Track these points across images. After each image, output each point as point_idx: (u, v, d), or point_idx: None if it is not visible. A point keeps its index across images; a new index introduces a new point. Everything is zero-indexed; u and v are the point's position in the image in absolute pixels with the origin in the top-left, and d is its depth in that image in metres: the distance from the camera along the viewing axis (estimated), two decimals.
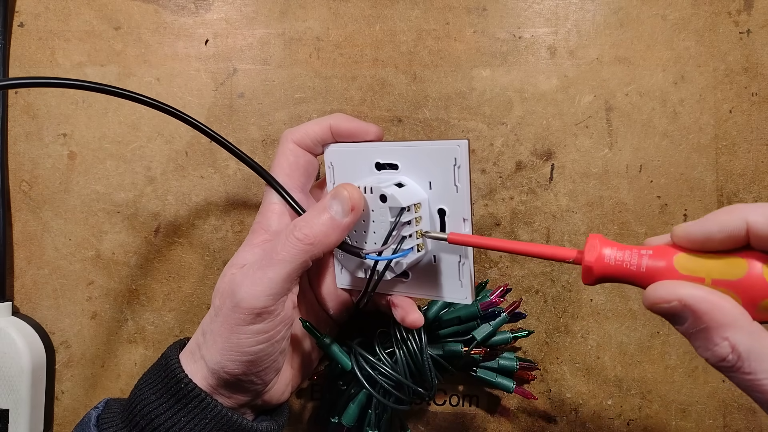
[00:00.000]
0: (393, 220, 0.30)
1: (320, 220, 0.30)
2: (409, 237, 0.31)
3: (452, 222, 0.31)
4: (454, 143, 0.30)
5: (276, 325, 0.30)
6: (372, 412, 0.36)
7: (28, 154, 0.41)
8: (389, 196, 0.30)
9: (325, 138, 0.33)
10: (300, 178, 0.34)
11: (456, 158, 0.30)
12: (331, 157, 0.34)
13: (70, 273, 0.41)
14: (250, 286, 0.29)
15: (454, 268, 0.32)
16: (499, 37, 0.40)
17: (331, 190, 0.31)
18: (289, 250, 0.29)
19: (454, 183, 0.30)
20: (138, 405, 0.30)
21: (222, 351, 0.29)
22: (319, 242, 0.29)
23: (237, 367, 0.30)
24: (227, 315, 0.29)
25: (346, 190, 0.30)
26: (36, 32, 0.41)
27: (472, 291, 0.32)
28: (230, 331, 0.29)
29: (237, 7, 0.41)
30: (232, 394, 0.31)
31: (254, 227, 0.33)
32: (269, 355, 0.30)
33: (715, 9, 0.40)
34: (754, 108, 0.40)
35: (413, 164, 0.31)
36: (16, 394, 0.38)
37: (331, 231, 0.29)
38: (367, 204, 0.31)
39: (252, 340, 0.29)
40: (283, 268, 0.29)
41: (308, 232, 0.29)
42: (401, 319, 0.33)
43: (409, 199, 0.30)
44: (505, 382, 0.37)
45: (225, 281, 0.31)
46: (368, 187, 0.31)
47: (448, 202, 0.31)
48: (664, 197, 0.40)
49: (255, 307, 0.29)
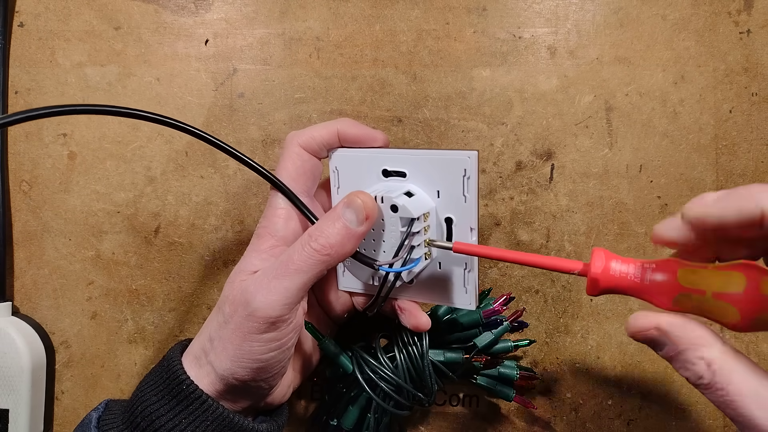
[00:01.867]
0: (404, 230, 0.30)
1: (335, 229, 0.29)
2: (418, 246, 0.31)
3: (459, 231, 0.31)
4: (464, 154, 0.30)
5: (288, 333, 0.30)
6: (371, 415, 0.36)
7: (28, 154, 0.41)
8: (401, 206, 0.30)
9: (332, 142, 0.33)
10: (306, 182, 0.33)
11: (466, 169, 0.30)
12: (337, 161, 0.34)
13: (70, 273, 0.41)
14: (265, 295, 0.29)
15: (460, 275, 0.32)
16: (499, 37, 0.40)
17: (343, 198, 0.30)
18: (305, 260, 0.29)
19: (463, 193, 0.30)
20: (139, 406, 0.30)
21: (233, 358, 0.29)
22: (336, 252, 0.29)
23: (247, 373, 0.30)
24: (240, 323, 0.29)
25: (360, 198, 0.30)
26: (36, 32, 0.41)
27: (476, 297, 0.32)
28: (243, 339, 0.29)
29: (237, 7, 0.41)
30: (238, 398, 0.31)
31: (260, 231, 0.33)
32: (279, 362, 0.30)
33: (715, 9, 0.40)
34: (754, 108, 0.40)
35: (422, 173, 0.31)
36: (16, 394, 0.38)
37: (346, 240, 0.29)
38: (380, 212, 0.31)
39: (264, 348, 0.29)
40: (299, 278, 0.29)
41: (324, 243, 0.29)
42: (408, 322, 0.33)
43: (419, 209, 0.30)
44: (505, 391, 0.37)
45: (236, 288, 0.31)
46: (379, 197, 0.30)
47: (455, 212, 0.31)
48: (664, 197, 0.40)
49: (270, 316, 0.29)
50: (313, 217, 0.32)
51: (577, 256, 0.40)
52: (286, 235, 0.32)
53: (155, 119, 0.31)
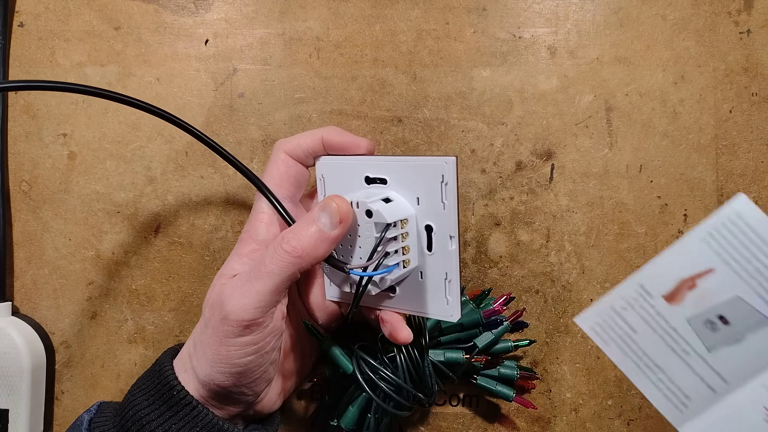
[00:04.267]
0: (378, 235, 0.29)
1: (308, 232, 0.29)
2: (395, 253, 0.30)
3: (439, 239, 0.31)
4: (441, 160, 0.30)
5: (265, 337, 0.30)
6: (372, 416, 0.36)
7: (28, 154, 0.41)
8: (375, 211, 0.29)
9: (317, 150, 0.33)
10: (290, 188, 0.34)
11: (443, 175, 0.30)
12: (322, 169, 0.34)
13: (70, 273, 0.41)
14: (238, 299, 0.29)
15: (441, 285, 0.31)
16: (499, 37, 0.40)
17: (320, 202, 0.30)
18: (277, 262, 0.29)
19: (442, 200, 0.30)
20: (130, 410, 0.30)
21: (212, 363, 0.29)
22: (307, 255, 0.29)
23: (227, 378, 0.29)
24: (216, 327, 0.29)
25: (335, 202, 0.29)
26: (36, 32, 0.41)
27: (458, 308, 0.31)
28: (219, 343, 0.29)
29: (237, 7, 0.41)
30: (223, 405, 0.31)
31: (242, 236, 0.33)
32: (259, 366, 0.30)
33: (715, 9, 0.40)
34: (754, 108, 0.40)
35: (402, 179, 0.31)
36: (16, 394, 0.38)
37: (319, 243, 0.29)
38: (355, 218, 0.30)
39: (241, 352, 0.29)
40: (271, 281, 0.29)
41: (296, 245, 0.29)
42: (389, 335, 0.32)
43: (396, 214, 0.30)
44: (505, 391, 0.37)
45: (214, 292, 0.31)
46: (355, 202, 0.30)
47: (435, 219, 0.31)
48: (664, 197, 0.40)
49: (243, 319, 0.29)
50: (291, 221, 0.32)
51: (577, 257, 0.40)
52: (267, 239, 0.32)
53: (154, 111, 0.32)
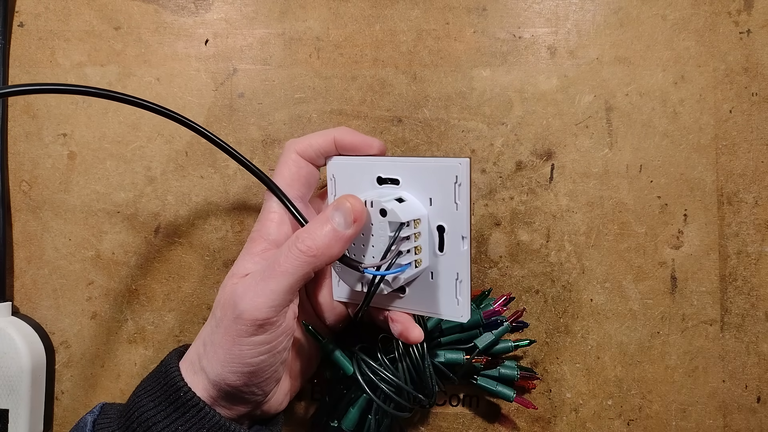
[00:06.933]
0: (392, 234, 0.30)
1: (323, 231, 0.29)
2: (407, 252, 0.30)
3: (451, 239, 0.31)
4: (456, 161, 0.30)
5: (278, 336, 0.30)
6: (372, 417, 0.36)
7: (28, 154, 0.41)
8: (389, 210, 0.29)
9: (329, 150, 0.33)
10: (301, 188, 0.34)
11: (457, 176, 0.30)
12: (333, 169, 0.34)
13: (70, 273, 0.41)
14: (252, 298, 0.29)
15: (452, 286, 0.32)
16: (499, 37, 0.40)
17: (333, 201, 0.30)
18: (291, 261, 0.29)
19: (455, 201, 0.30)
20: (135, 412, 0.30)
21: (223, 362, 0.29)
22: (322, 254, 0.29)
23: (238, 378, 0.29)
24: (229, 326, 0.29)
25: (349, 202, 0.30)
26: (36, 32, 0.41)
27: (468, 308, 0.32)
28: (232, 343, 0.29)
29: (237, 7, 0.41)
30: (232, 405, 0.31)
31: (253, 235, 0.33)
32: (270, 366, 0.30)
33: (715, 9, 0.40)
34: (754, 108, 0.40)
35: (414, 180, 0.31)
36: (16, 394, 0.38)
37: (333, 243, 0.29)
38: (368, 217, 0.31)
39: (254, 351, 0.29)
40: (285, 280, 0.29)
41: (311, 244, 0.29)
42: (399, 334, 0.32)
43: (409, 214, 0.30)
44: (506, 391, 0.37)
45: (226, 292, 0.31)
46: (369, 201, 0.30)
47: (447, 219, 0.31)
48: (664, 197, 0.40)
49: (257, 318, 0.29)
50: (304, 220, 0.32)
51: (577, 257, 0.40)
52: (278, 238, 0.32)
53: (156, 109, 0.32)
